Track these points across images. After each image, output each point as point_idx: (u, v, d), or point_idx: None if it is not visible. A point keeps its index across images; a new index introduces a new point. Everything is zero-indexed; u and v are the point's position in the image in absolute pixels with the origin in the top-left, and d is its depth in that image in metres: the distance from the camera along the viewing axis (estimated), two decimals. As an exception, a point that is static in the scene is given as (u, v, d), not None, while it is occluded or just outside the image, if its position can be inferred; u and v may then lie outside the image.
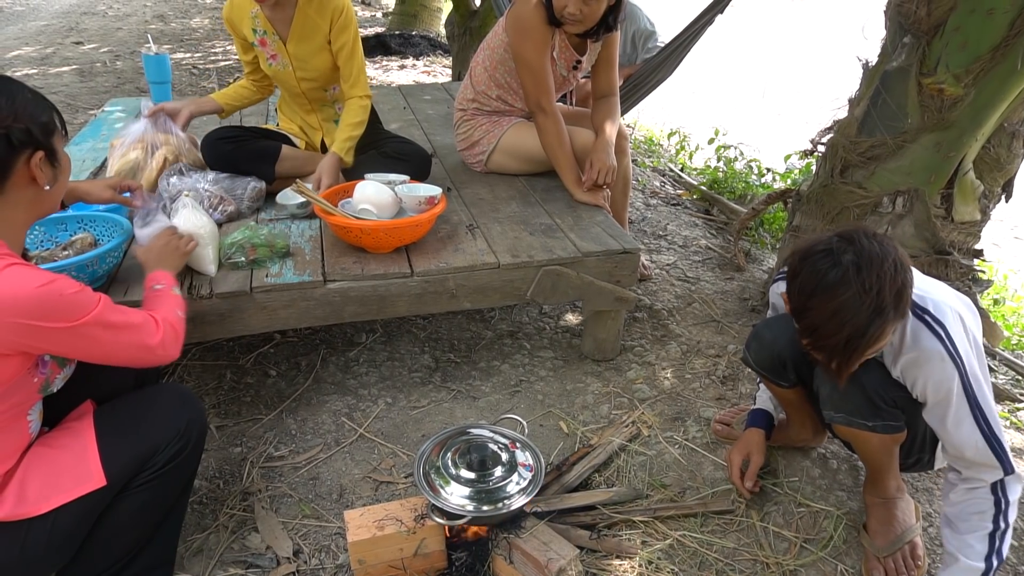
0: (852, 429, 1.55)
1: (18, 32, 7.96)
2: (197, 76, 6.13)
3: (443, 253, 2.09)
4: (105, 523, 1.36)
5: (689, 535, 1.71)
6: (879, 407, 1.49)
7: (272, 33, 2.28)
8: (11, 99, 1.19)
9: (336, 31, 2.27)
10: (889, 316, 1.28)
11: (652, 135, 5.24)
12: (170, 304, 1.48)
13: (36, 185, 1.25)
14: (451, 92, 3.97)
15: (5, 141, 1.18)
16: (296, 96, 2.47)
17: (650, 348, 2.44)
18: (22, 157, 1.21)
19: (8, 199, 1.22)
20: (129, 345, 1.31)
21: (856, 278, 1.27)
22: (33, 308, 1.15)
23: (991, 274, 2.96)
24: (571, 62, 2.51)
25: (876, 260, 1.28)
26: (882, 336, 1.30)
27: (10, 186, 1.21)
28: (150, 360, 1.37)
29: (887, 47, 2.28)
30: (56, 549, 1.30)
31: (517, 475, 1.58)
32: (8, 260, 1.17)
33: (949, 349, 1.38)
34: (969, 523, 1.45)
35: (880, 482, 1.67)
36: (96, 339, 1.26)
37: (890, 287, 1.27)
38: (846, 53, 2.68)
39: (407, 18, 7.95)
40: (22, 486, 1.27)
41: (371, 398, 2.16)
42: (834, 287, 1.29)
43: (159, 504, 1.44)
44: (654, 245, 3.22)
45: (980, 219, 2.30)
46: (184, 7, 9.77)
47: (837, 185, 2.33)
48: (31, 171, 1.23)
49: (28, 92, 1.24)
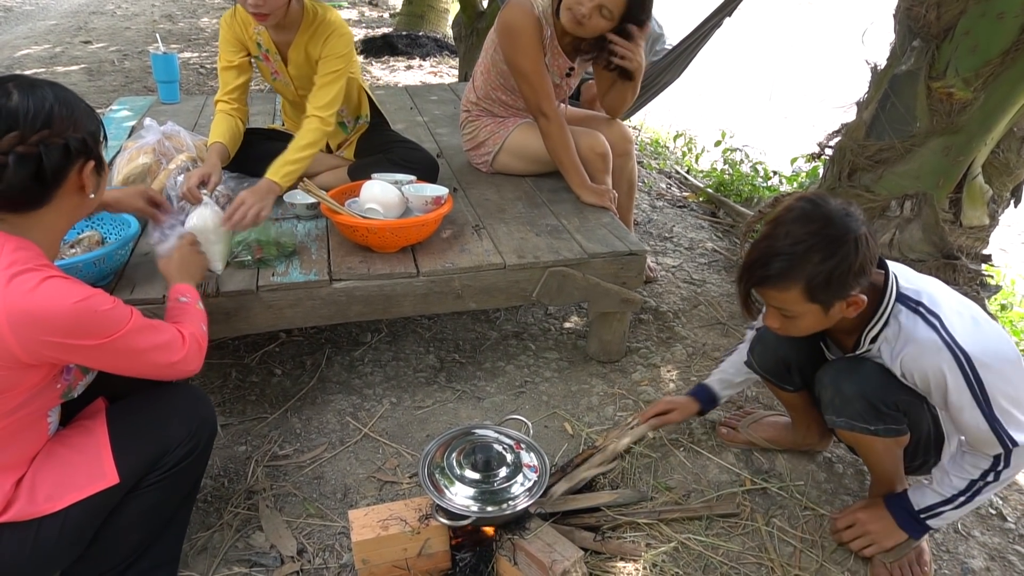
0: (855, 434, 1.54)
1: (27, 31, 8.00)
2: (204, 76, 6.14)
3: (449, 253, 2.09)
4: (113, 522, 1.36)
5: (694, 538, 1.70)
6: (880, 411, 1.49)
7: (275, 52, 2.28)
8: (71, 109, 1.22)
9: (323, 61, 2.21)
10: (795, 274, 1.33)
11: (658, 137, 5.23)
12: (196, 318, 1.48)
13: (83, 193, 1.27)
14: (457, 92, 3.97)
15: (63, 150, 1.19)
16: (296, 104, 2.47)
17: (655, 350, 2.43)
18: (76, 166, 1.23)
19: (55, 206, 1.24)
20: (155, 362, 1.32)
21: (800, 223, 1.34)
22: (68, 326, 1.16)
23: (999, 279, 2.95)
24: (564, 69, 2.49)
25: (831, 225, 1.33)
26: (781, 284, 1.35)
27: (60, 194, 1.23)
28: (172, 375, 1.37)
29: (896, 51, 2.27)
30: (66, 547, 1.30)
31: (522, 476, 1.58)
32: (45, 273, 1.17)
33: (944, 338, 1.37)
34: (959, 467, 1.50)
35: (884, 486, 1.66)
36: (124, 354, 1.27)
37: (822, 256, 1.31)
38: (852, 56, 2.68)
39: (414, 19, 7.96)
40: (34, 484, 1.27)
41: (376, 398, 2.17)
42: (781, 221, 1.37)
43: (167, 504, 1.44)
44: (660, 247, 3.22)
45: (988, 224, 2.30)
46: (192, 7, 9.80)
47: (845, 188, 2.33)
48: (82, 180, 1.25)
49: (82, 102, 1.26)
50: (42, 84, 1.21)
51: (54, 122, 1.18)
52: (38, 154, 1.16)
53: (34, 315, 1.13)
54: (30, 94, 1.17)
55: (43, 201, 1.22)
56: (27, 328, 1.13)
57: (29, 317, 1.13)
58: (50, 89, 1.21)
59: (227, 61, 2.28)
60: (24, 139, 1.15)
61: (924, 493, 1.56)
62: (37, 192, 1.20)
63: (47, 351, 1.17)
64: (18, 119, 1.15)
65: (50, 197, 1.22)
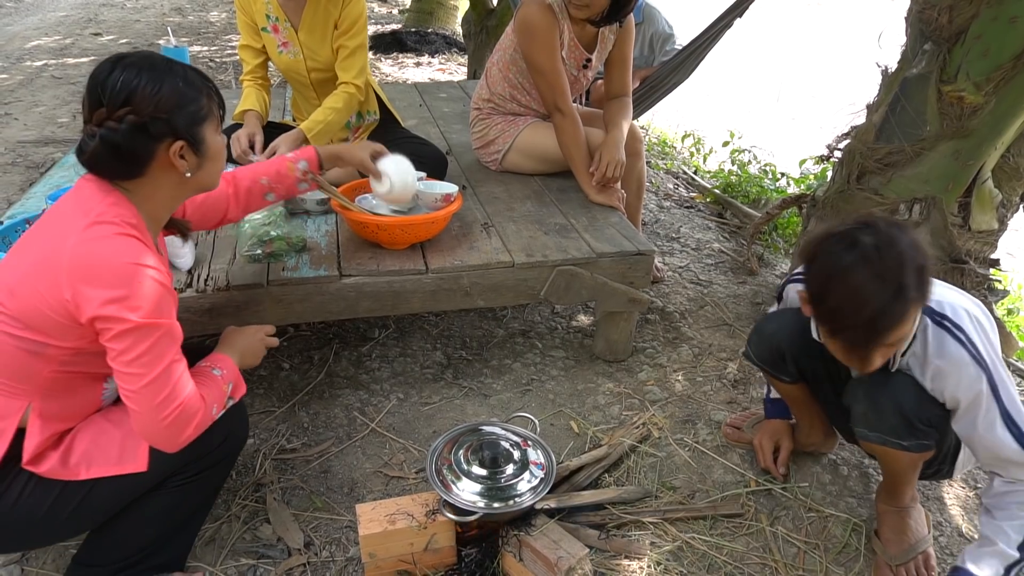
0: (885, 448, 1.51)
1: (38, 22, 8.03)
2: (214, 69, 6.16)
3: (458, 251, 2.10)
4: (131, 515, 1.37)
5: (698, 537, 1.71)
6: (915, 427, 1.46)
7: (284, 20, 2.29)
8: (157, 87, 1.21)
9: (343, 27, 2.26)
10: (911, 296, 1.26)
11: (666, 137, 5.23)
12: (217, 398, 1.32)
13: (176, 171, 1.27)
14: (466, 90, 3.98)
15: (143, 131, 1.20)
16: (305, 88, 2.47)
17: (662, 350, 2.44)
18: (161, 146, 1.23)
19: (149, 180, 1.26)
20: (160, 401, 1.20)
21: (876, 257, 1.26)
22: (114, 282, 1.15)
23: (1007, 284, 2.94)
24: (581, 61, 2.50)
25: (894, 241, 1.27)
26: (904, 319, 1.28)
27: (151, 170, 1.25)
28: (159, 440, 1.24)
29: (907, 54, 2.27)
30: (78, 520, 1.31)
31: (528, 473, 1.59)
32: (124, 230, 1.19)
33: (973, 353, 1.37)
34: (1007, 511, 1.43)
35: (897, 492, 1.66)
36: (146, 359, 1.17)
37: (910, 267, 1.26)
38: (860, 58, 2.67)
39: (423, 15, 7.96)
40: (72, 446, 1.29)
41: (383, 393, 2.18)
42: (853, 267, 1.27)
43: (185, 507, 1.45)
44: (667, 247, 3.22)
45: (997, 228, 2.29)
46: (201, 0, 9.82)
47: (853, 191, 2.32)
48: (170, 158, 1.25)
49: (180, 80, 1.24)
50: (147, 63, 1.22)
51: (135, 100, 1.19)
52: (119, 130, 1.18)
53: (89, 262, 1.15)
54: (125, 70, 1.19)
55: (133, 174, 1.24)
56: (79, 273, 1.14)
57: (85, 262, 1.15)
58: (147, 69, 1.20)
59: (245, 42, 2.40)
60: (110, 115, 1.18)
61: (986, 560, 1.42)
62: (121, 167, 1.23)
63: (86, 306, 1.14)
64: (105, 95, 1.18)
65: (140, 172, 1.24)
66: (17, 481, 1.25)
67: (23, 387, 1.24)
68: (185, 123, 1.24)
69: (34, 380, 1.23)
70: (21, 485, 1.25)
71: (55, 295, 1.16)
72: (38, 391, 1.25)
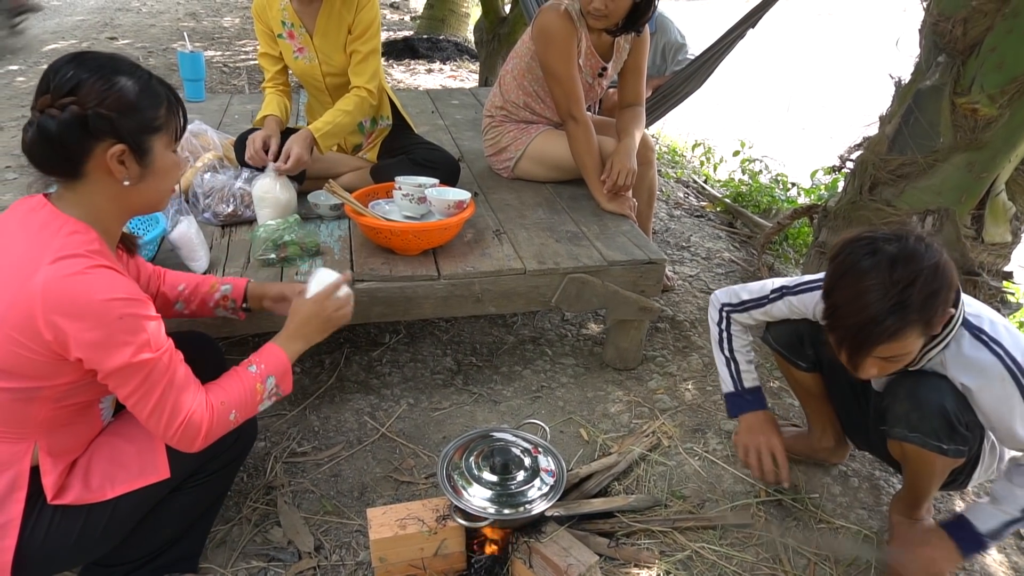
0: (923, 450, 1.47)
1: (55, 27, 8.11)
2: (227, 74, 6.21)
3: (470, 257, 2.11)
4: (151, 516, 1.39)
5: (708, 547, 1.71)
6: (956, 429, 1.44)
7: (299, 26, 2.31)
8: (109, 85, 1.13)
9: (356, 32, 2.28)
10: (911, 317, 1.27)
11: (676, 146, 5.23)
12: (238, 401, 1.32)
13: (114, 178, 1.18)
14: (478, 97, 4.00)
15: (80, 125, 1.12)
16: (320, 94, 2.49)
17: (672, 359, 2.44)
18: (99, 146, 1.15)
19: (87, 185, 1.18)
20: (165, 434, 1.23)
21: (888, 268, 1.27)
22: (95, 321, 1.11)
23: (1019, 296, 2.92)
24: (596, 69, 2.52)
25: (915, 258, 1.27)
26: (899, 336, 1.28)
27: (87, 172, 1.17)
28: (177, 448, 1.27)
29: (921, 65, 2.27)
30: (109, 536, 1.32)
31: (539, 480, 1.59)
32: (95, 261, 1.13)
33: (1010, 367, 1.37)
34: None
35: (916, 503, 1.64)
36: (138, 388, 1.19)
37: (921, 287, 1.26)
38: (871, 69, 2.67)
39: (435, 22, 8.00)
40: (88, 471, 1.29)
41: (393, 398, 2.18)
42: (864, 272, 1.29)
43: (200, 505, 1.48)
44: (677, 256, 3.22)
45: (1011, 241, 2.29)
46: (216, 6, 9.90)
47: (865, 202, 2.32)
48: (107, 162, 1.16)
49: (139, 84, 1.17)
50: (108, 60, 1.16)
51: (81, 92, 1.11)
52: (57, 119, 1.10)
53: (65, 300, 1.09)
54: (81, 64, 1.13)
55: (68, 172, 1.16)
56: (58, 312, 1.09)
57: (61, 301, 1.09)
58: (106, 67, 1.15)
59: (264, 50, 2.42)
60: (53, 102, 1.11)
61: (989, 513, 1.49)
62: (55, 161, 1.15)
63: (71, 344, 1.11)
64: (53, 83, 1.12)
65: (75, 171, 1.16)
66: (43, 516, 1.25)
67: (24, 431, 1.23)
68: (132, 128, 1.16)
69: (33, 422, 1.22)
70: (48, 518, 1.25)
71: (34, 339, 1.11)
72: (40, 431, 1.24)
